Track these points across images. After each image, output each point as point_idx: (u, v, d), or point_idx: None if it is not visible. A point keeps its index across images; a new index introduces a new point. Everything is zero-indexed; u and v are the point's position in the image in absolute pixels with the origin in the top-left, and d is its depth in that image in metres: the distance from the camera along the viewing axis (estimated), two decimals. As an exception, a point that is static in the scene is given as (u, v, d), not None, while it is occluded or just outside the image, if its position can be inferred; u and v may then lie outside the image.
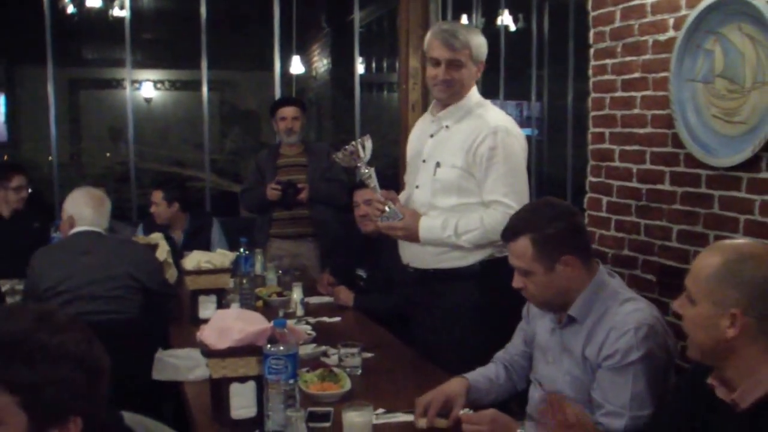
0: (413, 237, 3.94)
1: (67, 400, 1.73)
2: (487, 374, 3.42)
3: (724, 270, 2.29)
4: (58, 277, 4.30)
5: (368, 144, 3.92)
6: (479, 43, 4.00)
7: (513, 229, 3.14)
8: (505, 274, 3.26)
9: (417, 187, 4.08)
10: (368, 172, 3.94)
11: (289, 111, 6.53)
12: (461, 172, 3.91)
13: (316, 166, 6.46)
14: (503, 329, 3.59)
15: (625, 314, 2.96)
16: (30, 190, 6.50)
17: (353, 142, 3.92)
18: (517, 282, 3.14)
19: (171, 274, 4.99)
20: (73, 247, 4.45)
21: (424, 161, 4.07)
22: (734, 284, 2.27)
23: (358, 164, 3.94)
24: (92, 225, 4.51)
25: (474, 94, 4.06)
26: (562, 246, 3.03)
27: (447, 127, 4.03)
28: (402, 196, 4.18)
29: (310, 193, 6.32)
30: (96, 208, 4.55)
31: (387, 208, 3.94)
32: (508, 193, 3.77)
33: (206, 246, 6.29)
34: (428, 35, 4.04)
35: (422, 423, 2.97)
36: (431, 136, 4.10)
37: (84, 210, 4.52)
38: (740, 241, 2.50)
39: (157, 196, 6.47)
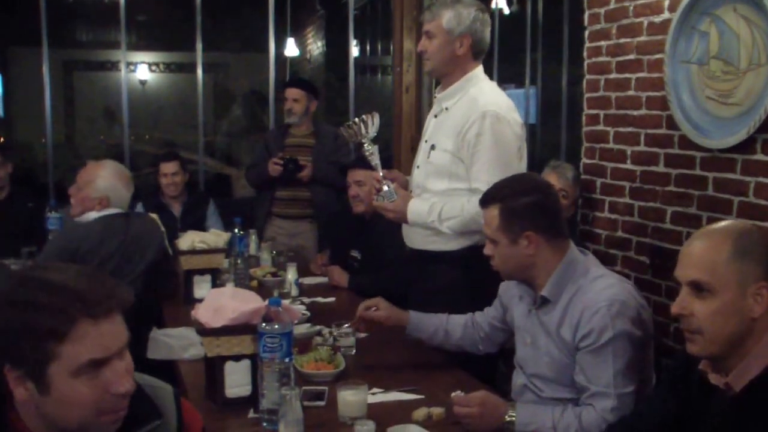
0: (403, 218, 3.94)
1: None
2: (435, 326, 3.55)
3: (738, 248, 2.23)
4: (100, 256, 4.24)
5: (375, 121, 3.87)
6: (453, 14, 3.89)
7: (486, 197, 3.18)
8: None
9: (417, 167, 4.07)
10: (371, 149, 3.90)
11: (290, 92, 6.57)
12: (452, 156, 3.86)
13: (321, 149, 6.49)
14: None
15: (596, 292, 2.95)
16: (11, 167, 6.34)
17: (357, 119, 3.89)
18: (486, 249, 3.17)
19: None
20: (114, 231, 4.34)
21: (425, 142, 4.06)
22: (751, 258, 2.23)
23: (362, 140, 3.89)
24: (124, 207, 4.47)
25: (475, 74, 3.98)
26: (526, 221, 3.03)
27: (446, 108, 3.99)
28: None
29: (313, 173, 6.33)
30: (129, 190, 4.51)
31: (385, 187, 3.92)
32: (490, 181, 3.51)
33: (201, 220, 6.33)
34: None
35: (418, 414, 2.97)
36: (435, 116, 4.08)
37: (122, 192, 4.45)
38: (722, 223, 2.42)
39: (174, 166, 6.51)
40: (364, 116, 3.88)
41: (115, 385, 1.80)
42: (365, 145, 3.90)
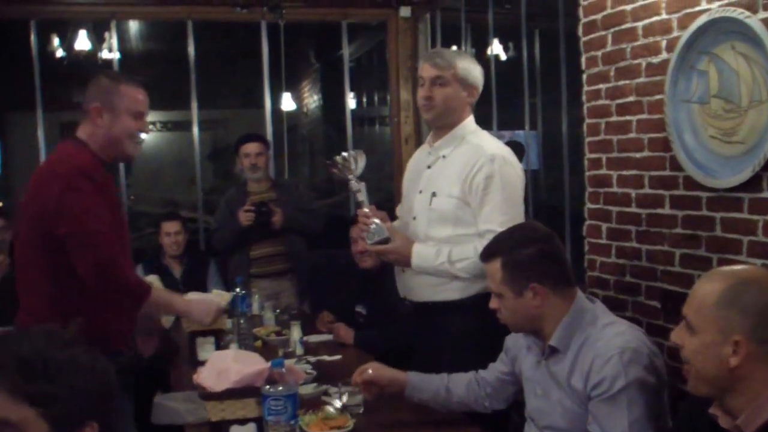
0: (405, 261, 3.91)
1: (84, 407, 1.87)
2: (436, 385, 3.49)
3: (728, 296, 2.23)
4: None
5: (361, 158, 3.92)
6: (467, 66, 3.98)
7: (487, 251, 3.16)
8: None
9: (414, 218, 4.04)
10: (358, 187, 3.93)
11: (252, 147, 6.61)
12: (457, 201, 3.86)
13: (286, 200, 6.53)
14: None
15: (607, 340, 2.92)
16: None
17: (345, 153, 3.91)
18: (492, 303, 3.15)
19: (167, 318, 4.93)
20: None
21: (420, 192, 4.03)
22: (738, 310, 2.21)
23: (349, 177, 3.92)
24: None
25: (470, 122, 4.04)
26: (530, 273, 3.01)
27: (444, 156, 4.00)
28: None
29: (286, 223, 6.34)
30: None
31: (373, 224, 3.91)
32: (504, 222, 3.63)
33: (203, 281, 6.29)
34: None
35: None
36: (428, 167, 4.06)
37: None
38: (739, 266, 2.43)
39: (176, 225, 6.57)
40: (351, 152, 3.90)
41: None
42: (351, 181, 3.91)
